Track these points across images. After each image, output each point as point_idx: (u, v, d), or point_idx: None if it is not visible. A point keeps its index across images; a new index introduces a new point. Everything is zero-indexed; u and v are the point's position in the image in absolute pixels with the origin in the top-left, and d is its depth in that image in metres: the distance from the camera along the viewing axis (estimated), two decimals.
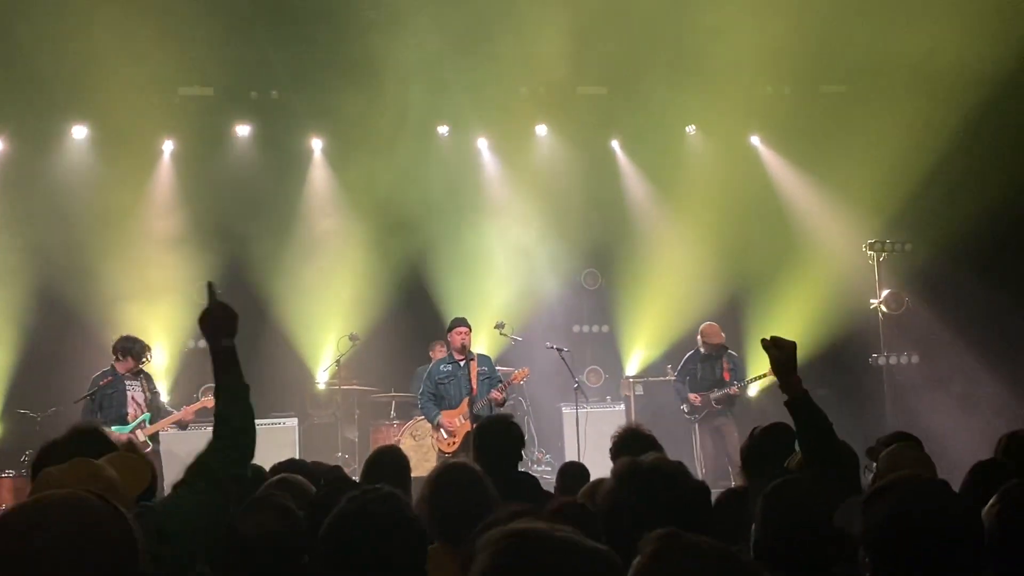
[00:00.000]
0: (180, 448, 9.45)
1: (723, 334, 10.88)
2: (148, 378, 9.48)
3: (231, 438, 3.02)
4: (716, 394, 10.68)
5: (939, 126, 11.42)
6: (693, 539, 1.85)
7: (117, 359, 9.22)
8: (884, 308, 12.18)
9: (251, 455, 3.09)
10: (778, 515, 2.91)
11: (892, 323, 12.25)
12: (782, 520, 2.89)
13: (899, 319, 12.28)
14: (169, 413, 9.47)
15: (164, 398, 10.40)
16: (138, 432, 8.87)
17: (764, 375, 10.62)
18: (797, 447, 4.10)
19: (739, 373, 10.82)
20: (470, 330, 9.58)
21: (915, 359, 12.39)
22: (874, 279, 12.17)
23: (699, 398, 10.71)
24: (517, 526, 1.49)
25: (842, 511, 2.81)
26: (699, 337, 10.93)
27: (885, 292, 12.19)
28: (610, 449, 4.68)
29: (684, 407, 10.89)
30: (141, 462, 3.00)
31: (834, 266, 12.38)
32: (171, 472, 9.54)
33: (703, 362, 10.86)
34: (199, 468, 2.95)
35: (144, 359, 9.30)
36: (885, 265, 12.21)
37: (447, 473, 3.76)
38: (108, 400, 9.07)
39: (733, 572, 1.85)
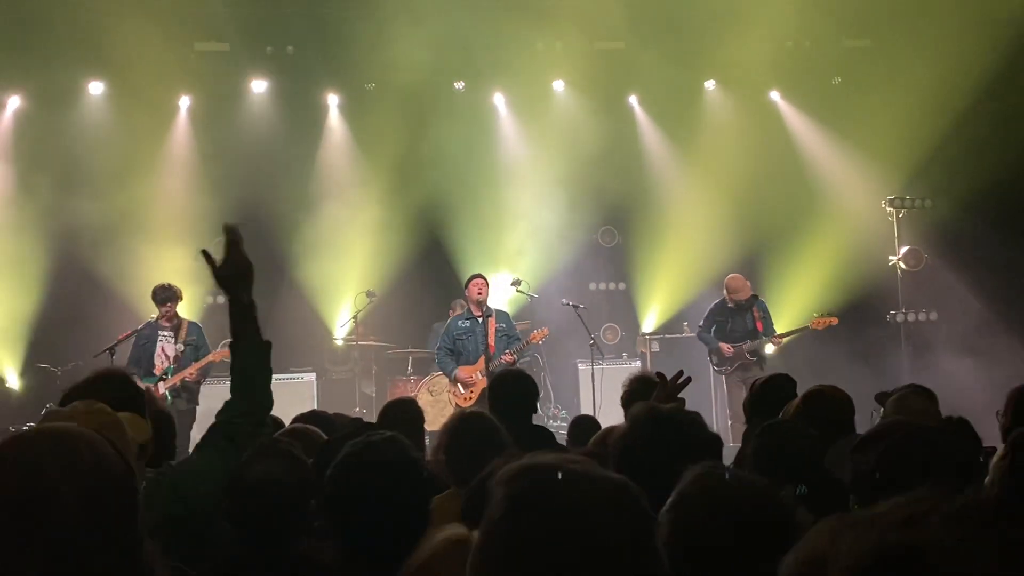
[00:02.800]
0: (214, 405, 9.53)
1: (749, 284, 10.57)
2: (194, 328, 9.45)
3: (249, 396, 3.01)
4: (749, 345, 10.33)
5: (960, 82, 11.27)
6: (734, 471, 1.90)
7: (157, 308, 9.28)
8: (903, 265, 12.13)
9: (269, 412, 3.08)
10: (767, 454, 2.95)
11: (911, 280, 12.20)
12: (772, 459, 2.92)
13: (918, 276, 12.23)
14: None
15: None
16: (159, 385, 8.90)
17: (800, 330, 10.51)
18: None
19: (769, 321, 10.49)
20: (487, 283, 9.59)
21: (934, 316, 12.35)
22: (893, 236, 12.10)
23: (731, 349, 10.34)
24: (531, 460, 1.45)
25: (831, 455, 2.84)
26: (725, 292, 10.56)
27: (904, 249, 12.12)
28: (622, 397, 4.67)
29: (713, 358, 10.59)
30: (142, 423, 2.99)
31: (853, 223, 12.30)
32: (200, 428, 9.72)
33: (732, 313, 10.47)
34: (218, 427, 2.96)
35: (164, 305, 9.21)
36: (904, 222, 12.13)
37: (462, 421, 3.79)
38: (142, 351, 9.12)
39: (768, 504, 1.88)
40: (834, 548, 1.06)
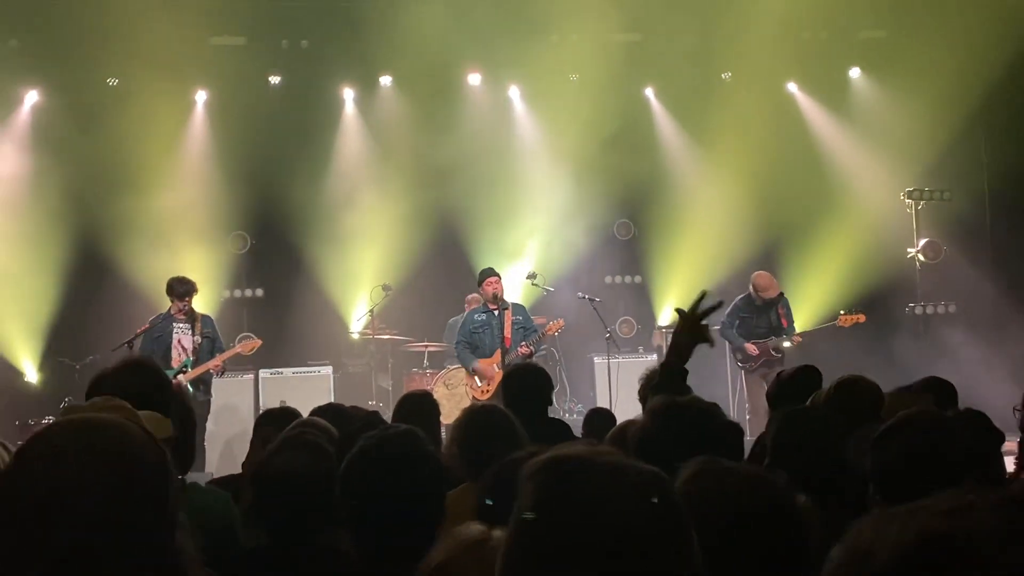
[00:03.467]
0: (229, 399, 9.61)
1: (776, 282, 10.47)
2: (208, 321, 9.50)
3: None
4: (774, 342, 10.23)
5: (978, 72, 11.20)
6: (730, 464, 1.89)
7: (171, 301, 9.31)
8: (922, 257, 12.06)
9: None
10: (787, 441, 2.95)
11: (929, 272, 12.14)
12: (791, 445, 2.92)
13: (937, 268, 12.17)
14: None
15: None
16: (180, 378, 8.92)
17: (826, 326, 10.48)
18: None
19: (791, 316, 10.43)
20: (500, 279, 9.61)
21: (952, 308, 12.29)
22: (912, 228, 12.03)
23: (756, 348, 10.26)
24: (559, 452, 1.42)
25: (852, 444, 2.84)
26: (751, 289, 10.46)
27: (923, 241, 12.06)
28: (639, 391, 4.64)
29: (737, 355, 10.53)
30: (163, 421, 3.00)
31: (871, 215, 12.24)
32: (217, 422, 9.77)
33: (757, 309, 10.40)
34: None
35: (183, 299, 9.23)
36: (923, 214, 12.07)
37: (475, 414, 3.79)
38: (156, 344, 9.14)
39: (768, 494, 1.88)
40: (878, 538, 1.06)
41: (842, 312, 10.49)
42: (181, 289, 9.24)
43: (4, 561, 1.45)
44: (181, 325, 9.23)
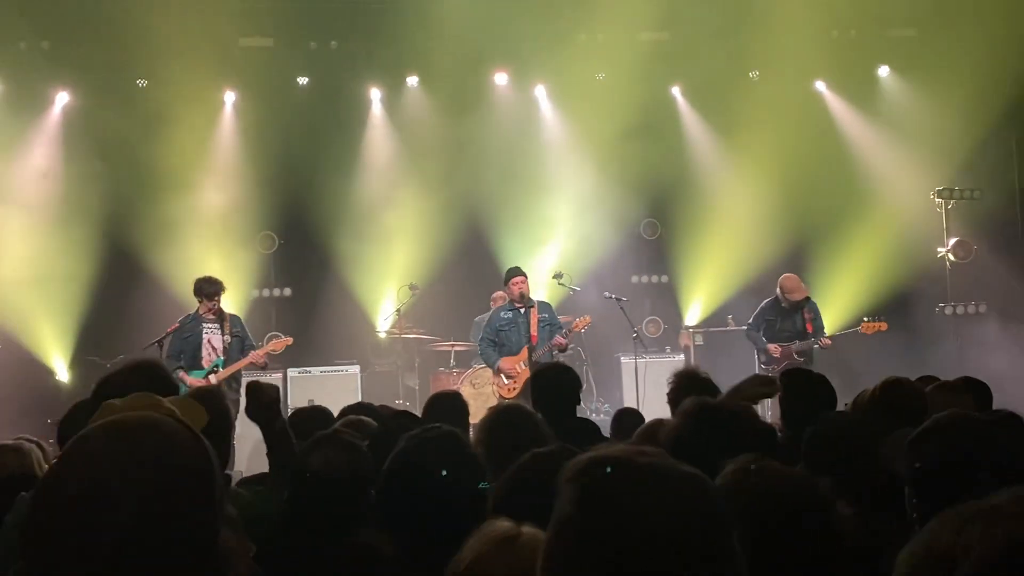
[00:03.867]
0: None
1: (804, 286, 10.39)
2: (236, 320, 9.55)
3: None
4: (798, 346, 10.16)
5: (1009, 71, 11.09)
6: (775, 465, 1.88)
7: (200, 301, 9.35)
8: (952, 257, 11.97)
9: None
10: (822, 447, 2.94)
11: (960, 272, 12.04)
12: (826, 451, 2.91)
13: (967, 268, 12.06)
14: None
15: None
16: (211, 378, 8.95)
17: (848, 331, 10.44)
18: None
19: (819, 322, 10.34)
20: (526, 278, 9.61)
21: (983, 308, 12.18)
22: (942, 227, 11.94)
23: (780, 350, 10.19)
24: (599, 453, 1.40)
25: (888, 447, 2.81)
26: (779, 291, 10.35)
27: (953, 240, 11.97)
28: (668, 393, 4.62)
29: (761, 357, 10.47)
30: (198, 408, 3.02)
31: (901, 214, 12.16)
32: (245, 421, 9.80)
33: (782, 313, 10.33)
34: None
35: (212, 299, 9.25)
36: (953, 213, 11.97)
37: (501, 414, 3.79)
38: (185, 344, 9.17)
39: (810, 498, 1.87)
40: (960, 542, 1.05)
41: (865, 319, 10.42)
42: (209, 289, 9.26)
43: (51, 563, 1.45)
44: (210, 325, 9.26)
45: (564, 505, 1.35)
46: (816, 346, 10.14)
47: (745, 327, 10.73)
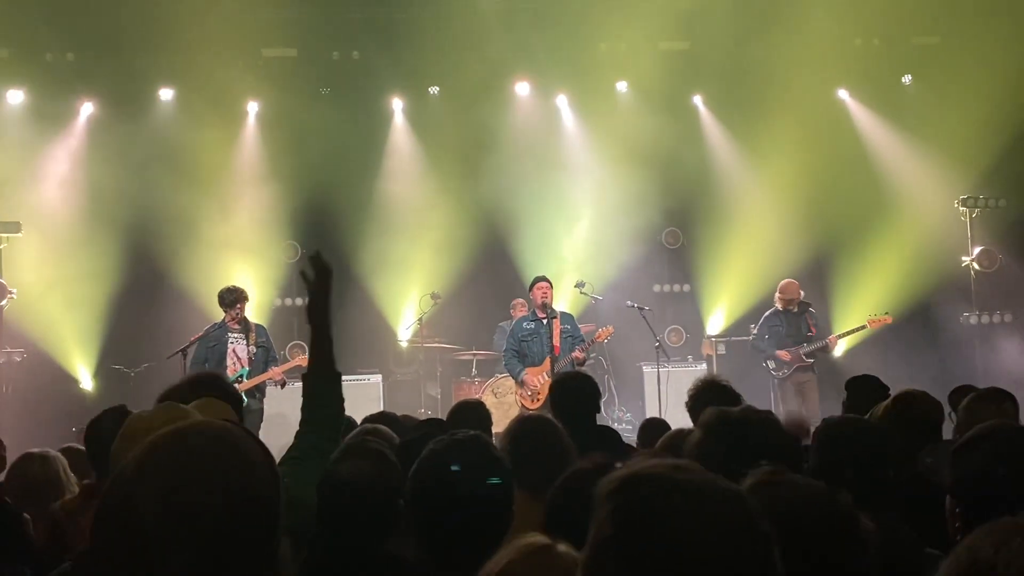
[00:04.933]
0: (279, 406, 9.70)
1: (802, 291, 10.62)
2: (261, 330, 9.58)
3: (328, 422, 3.12)
4: (806, 348, 10.36)
5: None
6: (795, 477, 1.86)
7: (224, 311, 9.39)
8: (976, 266, 11.89)
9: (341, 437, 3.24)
10: (829, 452, 2.91)
11: (984, 281, 11.95)
12: (832, 456, 2.89)
13: (992, 277, 11.97)
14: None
15: None
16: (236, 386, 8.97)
17: (860, 327, 10.48)
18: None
19: (823, 330, 10.60)
20: (551, 286, 9.60)
21: (1008, 318, 12.08)
22: (966, 236, 11.86)
23: (788, 354, 10.38)
24: (637, 468, 1.36)
25: (926, 457, 2.79)
26: (777, 295, 10.64)
27: (978, 249, 11.88)
28: (686, 402, 4.59)
29: (770, 363, 10.58)
30: (225, 408, 3.05)
31: (925, 222, 12.06)
32: (268, 430, 9.86)
33: (787, 319, 10.55)
34: (305, 448, 3.00)
35: (233, 308, 9.29)
36: (978, 222, 11.89)
37: (524, 424, 3.78)
38: (211, 353, 9.22)
39: (832, 511, 1.85)
40: (1001, 554, 1.03)
41: (869, 316, 10.49)
42: (230, 298, 9.31)
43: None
44: (236, 335, 9.30)
45: (602, 524, 1.32)
46: (825, 344, 10.34)
47: (751, 338, 10.84)
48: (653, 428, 5.23)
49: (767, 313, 10.75)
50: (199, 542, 1.44)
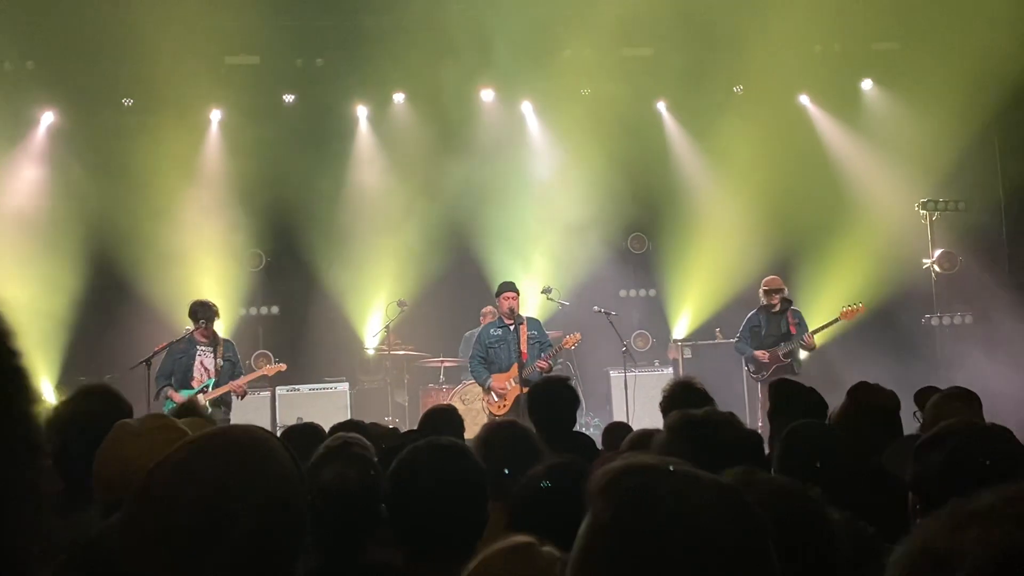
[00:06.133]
0: (247, 415, 9.65)
1: (785, 287, 10.53)
2: (229, 345, 9.54)
3: None
4: (783, 347, 10.25)
5: (992, 83, 11.20)
6: (766, 475, 1.89)
7: (195, 324, 9.33)
8: (937, 268, 12.04)
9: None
10: (792, 455, 2.97)
11: (945, 283, 12.11)
12: (795, 460, 2.94)
13: (952, 279, 12.14)
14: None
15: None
16: (200, 397, 8.95)
17: (834, 320, 10.46)
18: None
19: (803, 326, 10.39)
20: (518, 294, 9.60)
21: (968, 319, 12.25)
22: (927, 239, 12.00)
23: (767, 355, 10.27)
24: (631, 461, 1.36)
25: (891, 455, 2.84)
26: (761, 290, 10.49)
27: (938, 252, 12.04)
28: (660, 403, 4.64)
29: (750, 366, 10.56)
30: (205, 424, 3.05)
31: (886, 226, 12.23)
32: None
33: (767, 319, 10.44)
34: None
35: (203, 321, 9.29)
36: (938, 225, 12.05)
37: (496, 431, 3.78)
38: (177, 364, 9.17)
39: (802, 506, 1.88)
40: (955, 543, 1.04)
41: (843, 308, 10.45)
42: (206, 313, 9.27)
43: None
44: (204, 347, 9.27)
45: (599, 513, 1.31)
46: (801, 343, 10.21)
47: (734, 340, 10.79)
48: (617, 433, 5.26)
49: (749, 314, 10.63)
50: (236, 542, 1.46)
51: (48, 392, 11.49)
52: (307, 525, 1.58)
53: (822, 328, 10.49)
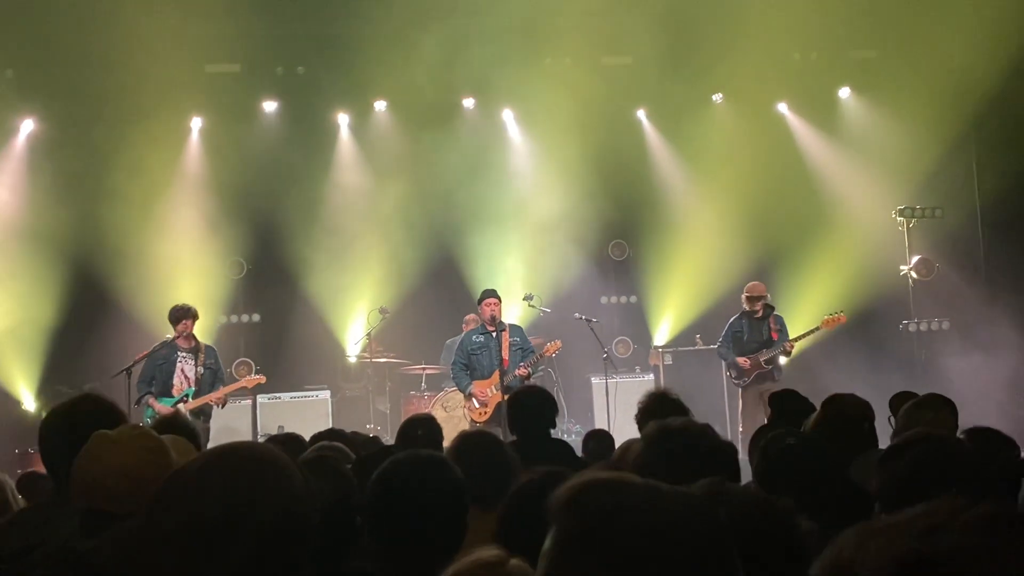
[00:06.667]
0: (228, 423, 9.64)
1: (768, 294, 10.60)
2: (211, 352, 9.50)
3: None
4: (764, 354, 10.32)
5: (968, 91, 11.30)
6: (735, 486, 1.92)
7: (173, 328, 9.29)
8: (914, 274, 12.12)
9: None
10: (769, 466, 3.00)
11: (923, 289, 12.20)
12: (774, 471, 2.98)
13: (930, 285, 12.23)
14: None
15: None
16: (180, 406, 8.91)
17: (816, 328, 10.54)
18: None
19: (786, 334, 10.46)
20: (499, 301, 9.64)
21: (945, 325, 12.35)
22: (904, 245, 12.09)
23: (748, 361, 10.33)
24: (595, 476, 1.39)
25: (857, 466, 2.89)
26: (744, 296, 10.54)
27: (915, 258, 12.12)
28: (636, 415, 4.68)
29: (731, 372, 10.59)
30: (188, 445, 3.06)
31: (863, 233, 12.32)
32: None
33: (749, 325, 10.49)
34: None
35: (180, 324, 9.19)
36: (915, 231, 12.14)
37: (467, 439, 3.78)
38: (159, 371, 9.14)
39: (771, 517, 1.92)
40: (859, 555, 1.09)
41: (825, 316, 10.55)
42: (179, 315, 9.23)
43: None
44: (185, 354, 9.23)
45: (565, 527, 1.33)
46: (782, 349, 10.29)
47: (717, 344, 10.85)
48: (597, 439, 5.29)
49: (731, 319, 10.69)
50: (251, 549, 1.50)
51: (28, 400, 11.45)
52: (313, 537, 1.61)
53: (803, 336, 10.55)
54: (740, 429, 10.33)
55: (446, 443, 5.69)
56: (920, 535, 1.06)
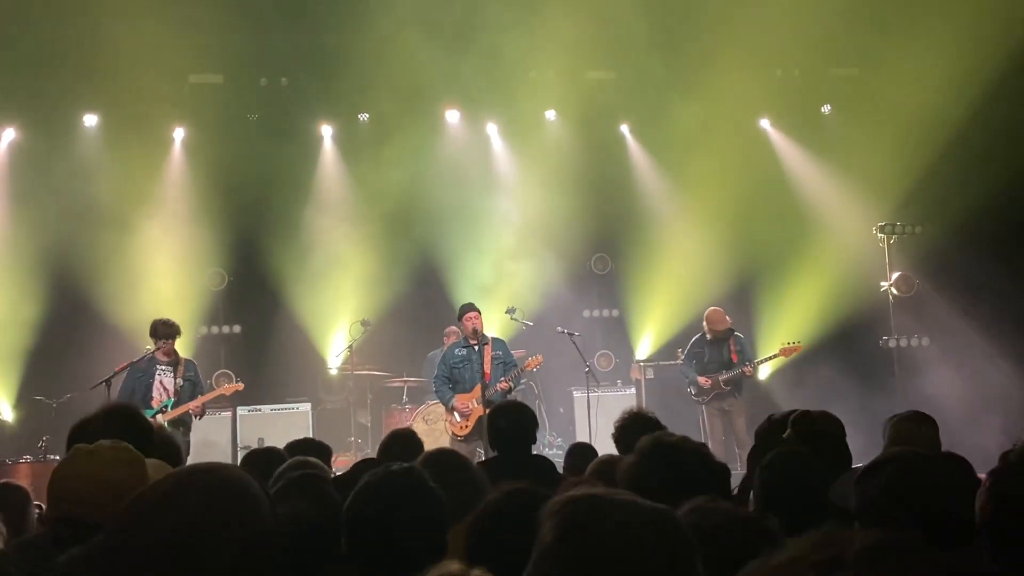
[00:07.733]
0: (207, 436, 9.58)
1: (728, 318, 10.84)
2: (191, 365, 9.46)
3: None
4: (724, 376, 10.63)
5: (948, 108, 11.39)
6: (725, 505, 1.96)
7: (155, 342, 9.25)
8: (895, 291, 12.19)
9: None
10: (775, 483, 3.01)
11: (902, 306, 12.26)
12: (779, 487, 2.98)
13: (909, 302, 12.29)
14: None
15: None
16: (159, 417, 8.88)
17: (774, 356, 10.77)
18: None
19: (746, 354, 10.79)
20: (480, 314, 9.64)
21: (925, 341, 12.42)
22: (884, 262, 12.16)
23: (708, 380, 10.66)
24: (577, 492, 1.53)
25: (837, 486, 2.90)
26: (704, 323, 10.88)
27: (896, 275, 12.18)
28: (612, 434, 4.71)
29: (692, 389, 10.87)
30: (165, 466, 3.04)
31: (844, 249, 12.38)
32: (196, 459, 9.70)
33: (710, 345, 10.81)
34: None
35: (164, 339, 9.19)
36: (895, 248, 12.20)
37: (432, 456, 3.75)
38: (138, 384, 9.10)
39: (760, 537, 1.94)
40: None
41: (782, 345, 10.81)
42: (164, 331, 9.19)
43: None
44: (164, 367, 9.20)
45: (545, 536, 1.46)
46: (741, 372, 10.60)
47: (680, 361, 11.05)
48: (580, 453, 5.28)
49: (694, 338, 11.03)
50: (218, 569, 1.52)
51: (5, 411, 11.36)
52: (280, 554, 1.63)
53: (763, 361, 10.93)
54: (709, 443, 10.39)
55: None
56: (815, 567, 1.11)
